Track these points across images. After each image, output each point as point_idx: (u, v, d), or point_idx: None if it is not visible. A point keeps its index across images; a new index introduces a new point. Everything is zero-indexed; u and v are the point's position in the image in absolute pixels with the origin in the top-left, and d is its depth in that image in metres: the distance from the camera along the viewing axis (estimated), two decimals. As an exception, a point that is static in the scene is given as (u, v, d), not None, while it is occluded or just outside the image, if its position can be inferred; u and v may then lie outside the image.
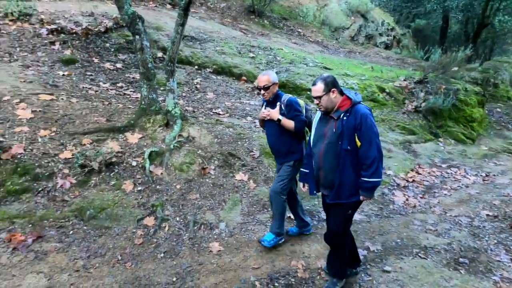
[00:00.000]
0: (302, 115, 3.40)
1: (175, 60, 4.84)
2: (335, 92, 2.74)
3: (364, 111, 2.69)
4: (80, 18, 7.93)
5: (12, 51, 6.45)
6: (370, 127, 2.65)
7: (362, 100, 2.91)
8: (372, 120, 2.69)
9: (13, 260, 3.00)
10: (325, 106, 2.78)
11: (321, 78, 2.79)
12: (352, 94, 2.79)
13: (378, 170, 2.67)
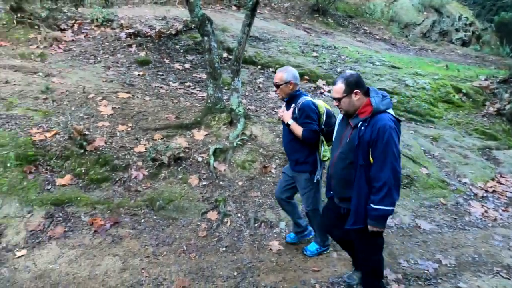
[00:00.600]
0: (315, 123, 2.95)
1: (240, 60, 4.96)
2: (359, 94, 2.34)
3: (384, 123, 2.23)
4: (154, 22, 8.52)
5: (96, 53, 7.15)
6: (387, 144, 2.20)
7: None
8: (392, 135, 2.21)
9: (94, 241, 3.32)
10: (346, 110, 2.42)
11: (342, 76, 2.41)
12: (377, 98, 2.32)
13: (389, 197, 2.21)
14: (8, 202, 3.50)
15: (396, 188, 2.26)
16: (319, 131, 2.98)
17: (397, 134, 2.30)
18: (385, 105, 2.33)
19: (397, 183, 2.26)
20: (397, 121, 2.35)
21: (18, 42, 7.10)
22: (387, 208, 2.23)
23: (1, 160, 3.77)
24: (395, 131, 2.26)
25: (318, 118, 3.00)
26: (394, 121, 2.30)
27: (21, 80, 5.24)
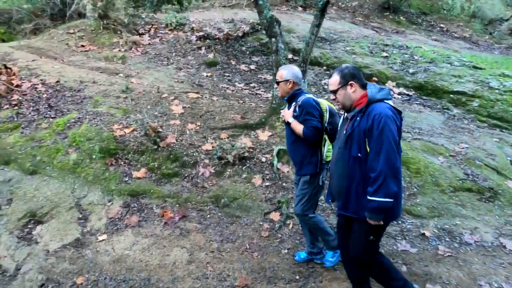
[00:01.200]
0: (316, 120, 2.78)
1: (307, 61, 4.90)
2: (354, 85, 2.27)
3: (380, 111, 2.14)
4: (222, 24, 8.82)
5: (169, 55, 7.62)
6: (382, 132, 2.09)
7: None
8: (388, 123, 2.11)
9: (164, 232, 3.53)
10: (342, 103, 2.34)
11: (338, 69, 2.37)
12: (374, 89, 2.25)
13: (384, 187, 2.08)
14: (92, 191, 3.89)
15: (393, 179, 2.11)
16: (321, 128, 2.80)
17: (396, 123, 2.17)
18: (383, 95, 2.24)
19: (394, 173, 2.11)
20: (396, 111, 2.23)
21: (103, 46, 7.87)
22: (381, 199, 2.09)
23: (88, 152, 4.20)
24: (392, 120, 2.14)
25: (321, 116, 2.84)
26: (392, 110, 2.19)
27: (105, 81, 5.78)
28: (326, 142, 2.86)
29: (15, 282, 2.86)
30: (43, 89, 5.36)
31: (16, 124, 4.64)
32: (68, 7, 11.73)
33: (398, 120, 2.22)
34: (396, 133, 2.16)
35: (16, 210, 3.54)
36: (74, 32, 8.31)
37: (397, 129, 2.18)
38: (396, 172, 2.13)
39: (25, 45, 7.87)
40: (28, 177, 3.96)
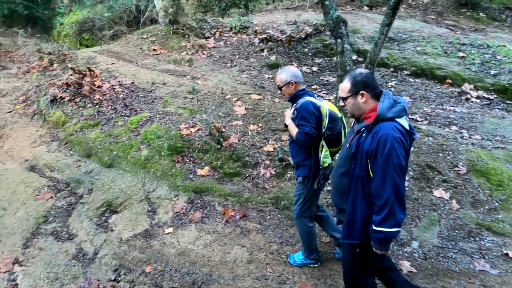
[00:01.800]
0: (309, 125, 2.66)
1: (375, 62, 4.68)
2: (366, 95, 2.07)
3: (387, 133, 1.93)
4: (285, 27, 8.82)
5: (233, 58, 7.82)
6: (388, 156, 1.91)
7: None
8: (395, 146, 1.91)
9: (225, 230, 3.61)
10: (351, 112, 2.17)
11: (350, 74, 2.16)
12: (386, 103, 2.00)
13: (392, 217, 1.91)
14: (160, 185, 4.12)
15: (400, 207, 1.95)
16: (313, 134, 2.68)
17: (404, 146, 1.97)
18: (395, 112, 2.00)
19: (401, 201, 1.96)
20: (407, 132, 2.02)
21: (173, 49, 8.35)
22: (389, 230, 1.94)
23: (158, 149, 4.47)
24: (400, 142, 1.94)
25: (319, 121, 2.72)
26: (401, 132, 1.97)
27: (174, 82, 6.12)
28: (323, 148, 2.75)
29: (93, 265, 3.13)
30: (120, 89, 5.83)
31: (97, 121, 5.11)
32: (142, 14, 12.69)
33: (407, 142, 2.01)
34: (403, 157, 1.97)
35: (95, 199, 3.89)
36: (147, 37, 8.94)
37: (405, 152, 1.99)
38: (402, 199, 1.98)
39: (105, 50, 8.67)
40: (106, 170, 4.34)
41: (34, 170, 4.37)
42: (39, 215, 3.64)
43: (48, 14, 16.14)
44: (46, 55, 7.35)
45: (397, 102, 2.04)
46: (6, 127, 5.56)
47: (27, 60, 11.20)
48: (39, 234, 3.43)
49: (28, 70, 7.46)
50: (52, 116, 5.41)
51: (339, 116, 2.84)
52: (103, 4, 13.39)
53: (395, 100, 2.04)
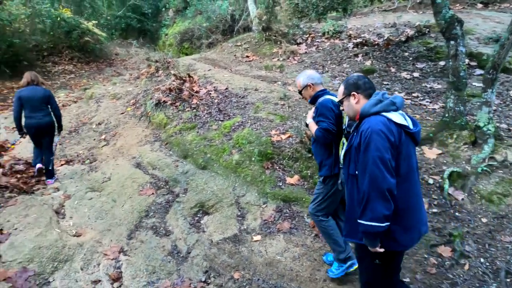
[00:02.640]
0: (328, 121, 2.66)
1: (499, 67, 3.99)
2: (357, 96, 2.13)
3: (368, 126, 1.92)
4: (383, 30, 8.25)
5: (325, 63, 7.58)
6: (367, 149, 1.87)
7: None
8: (375, 138, 1.86)
9: (314, 245, 3.42)
10: (347, 113, 2.25)
11: (346, 79, 2.26)
12: (372, 101, 2.02)
13: (369, 210, 1.85)
14: (250, 191, 4.13)
15: (380, 201, 1.83)
16: (331, 130, 2.65)
17: (388, 139, 1.87)
18: (380, 107, 1.97)
19: (381, 195, 1.83)
20: (398, 126, 1.93)
21: (264, 56, 8.48)
22: (367, 223, 1.87)
23: (248, 155, 4.50)
24: (381, 135, 1.86)
25: (339, 118, 2.71)
26: (386, 125, 1.90)
27: (265, 88, 6.16)
28: (344, 145, 2.55)
29: (186, 263, 3.25)
30: (215, 95, 6.10)
31: (194, 124, 5.40)
32: (236, 23, 13.28)
33: (395, 136, 1.89)
34: (388, 150, 1.85)
35: (190, 199, 4.07)
36: (240, 44, 9.27)
37: (391, 146, 1.87)
38: (381, 192, 1.83)
39: (203, 57, 9.24)
40: (200, 171, 4.53)
41: (139, 167, 4.80)
42: (142, 209, 3.95)
43: (155, 26, 18.07)
44: (153, 63, 8.14)
45: (385, 97, 2.01)
46: (119, 126, 6.27)
47: (137, 67, 12.64)
48: (141, 227, 3.72)
49: (138, 76, 8.37)
50: (156, 118, 5.91)
51: None
52: (202, 15, 14.41)
53: (383, 96, 2.03)
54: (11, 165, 5.12)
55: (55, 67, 12.11)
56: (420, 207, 2.03)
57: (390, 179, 1.83)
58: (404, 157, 1.92)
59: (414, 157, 2.01)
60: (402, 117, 1.96)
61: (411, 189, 1.96)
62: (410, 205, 1.96)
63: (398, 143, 1.90)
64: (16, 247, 3.17)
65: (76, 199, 4.21)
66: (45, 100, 4.72)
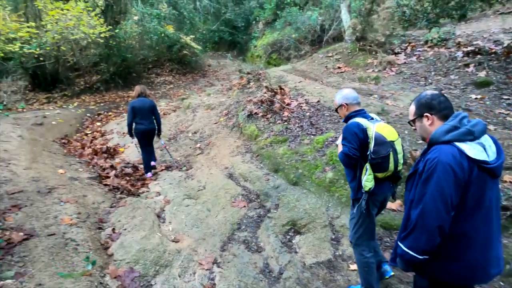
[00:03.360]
0: (350, 146, 2.54)
1: None
2: (430, 118, 1.90)
3: (436, 156, 1.72)
4: (501, 36, 7.19)
5: (427, 75, 6.88)
6: (429, 179, 1.71)
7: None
8: (439, 170, 1.68)
9: (422, 284, 3.00)
10: (420, 135, 2.02)
11: (417, 96, 2.00)
12: (446, 126, 1.78)
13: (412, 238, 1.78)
14: (345, 213, 3.86)
15: (424, 233, 1.73)
16: (351, 155, 2.56)
17: (455, 175, 1.67)
18: (453, 136, 1.74)
19: (426, 228, 1.72)
20: (467, 157, 1.69)
21: (358, 67, 8.08)
22: (404, 248, 1.81)
23: (343, 173, 4.23)
24: (448, 169, 1.67)
25: (364, 143, 2.57)
26: (454, 158, 1.69)
27: (361, 102, 5.81)
28: (367, 171, 2.56)
29: (278, 285, 3.14)
30: (306, 107, 5.96)
31: (285, 137, 5.34)
32: (326, 33, 13.04)
33: (465, 171, 1.69)
34: (453, 187, 1.69)
35: (281, 216, 3.98)
36: (332, 55, 9.01)
37: (456, 182, 1.69)
38: (432, 230, 1.72)
39: (292, 69, 9.23)
40: (291, 187, 4.42)
41: (231, 178, 4.90)
42: (234, 222, 4.00)
43: (245, 38, 18.83)
44: (245, 75, 8.40)
45: (462, 123, 1.78)
46: (212, 136, 6.56)
47: (228, 78, 13.28)
48: (233, 239, 3.75)
49: (230, 87, 8.72)
50: (247, 130, 6.02)
51: (387, 140, 2.53)
52: (291, 26, 14.51)
53: (460, 121, 1.79)
54: (121, 167, 5.71)
55: (158, 78, 13.41)
56: (492, 246, 1.80)
57: (445, 215, 1.72)
58: (472, 194, 1.73)
59: (488, 193, 1.76)
60: (479, 148, 1.74)
61: (478, 224, 1.76)
62: (475, 241, 1.77)
63: (467, 179, 1.72)
64: (125, 247, 3.45)
65: (174, 204, 4.46)
66: (151, 110, 5.46)
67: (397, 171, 2.62)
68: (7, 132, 6.40)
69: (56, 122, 8.11)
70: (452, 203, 1.71)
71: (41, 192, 4.19)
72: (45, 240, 3.24)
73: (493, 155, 1.75)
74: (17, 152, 5.46)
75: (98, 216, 4.03)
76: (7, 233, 3.21)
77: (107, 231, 3.75)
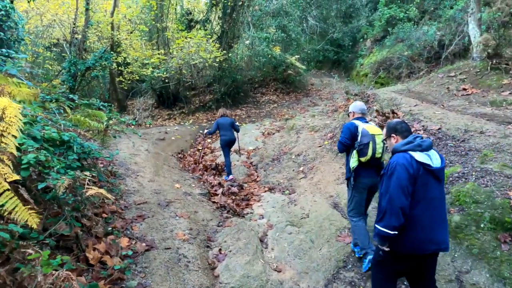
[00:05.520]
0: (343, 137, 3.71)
1: None
2: (395, 137, 2.75)
3: (395, 160, 2.53)
4: None
5: None
6: (391, 176, 2.49)
7: None
8: (398, 170, 2.46)
9: None
10: (389, 150, 2.84)
11: (388, 123, 2.88)
12: (404, 141, 2.63)
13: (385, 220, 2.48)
14: (477, 268, 3.23)
15: (394, 216, 2.42)
16: (343, 142, 3.70)
17: (408, 172, 2.44)
18: (408, 147, 2.53)
19: (395, 212, 2.41)
20: (416, 161, 2.46)
21: (489, 88, 6.96)
22: (380, 228, 2.48)
23: (474, 218, 3.59)
24: (403, 168, 2.45)
25: (354, 136, 3.64)
26: (408, 161, 2.47)
27: (495, 131, 4.93)
28: (353, 155, 3.62)
29: None
30: (425, 135, 5.33)
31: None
32: (445, 50, 11.73)
33: (414, 169, 2.44)
34: (407, 180, 2.43)
35: (394, 260, 3.55)
36: (454, 74, 8.00)
37: (409, 176, 2.43)
38: (395, 209, 2.41)
39: (404, 89, 8.48)
40: (406, 227, 3.94)
41: (337, 208, 4.64)
42: (340, 258, 3.73)
43: (350, 56, 18.31)
44: (352, 96, 8.05)
45: (415, 139, 2.59)
46: (316, 159, 6.40)
47: (331, 97, 13.00)
48: (338, 279, 3.49)
49: (336, 109, 8.46)
50: (354, 156, 5.67)
51: (370, 133, 3.56)
52: (404, 43, 13.52)
53: (414, 139, 2.60)
54: (228, 186, 5.98)
55: (262, 97, 13.96)
56: (433, 227, 2.47)
57: (404, 200, 2.42)
58: (419, 187, 2.45)
59: (431, 190, 2.48)
60: (425, 157, 2.49)
61: (423, 211, 2.46)
62: (421, 223, 2.46)
63: (416, 175, 2.45)
64: (230, 270, 3.52)
65: (277, 230, 4.42)
66: (231, 125, 6.93)
67: (376, 158, 3.54)
68: (137, 145, 7.40)
69: (174, 138, 9.08)
70: (408, 191, 2.44)
71: (160, 204, 4.64)
72: (162, 253, 3.52)
73: (437, 163, 2.52)
74: (144, 165, 6.22)
75: (206, 234, 4.25)
76: (133, 242, 3.61)
77: (214, 250, 3.90)
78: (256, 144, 8.54)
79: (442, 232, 2.51)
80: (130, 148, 7.05)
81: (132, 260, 3.26)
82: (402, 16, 14.89)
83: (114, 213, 4.05)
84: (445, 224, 2.54)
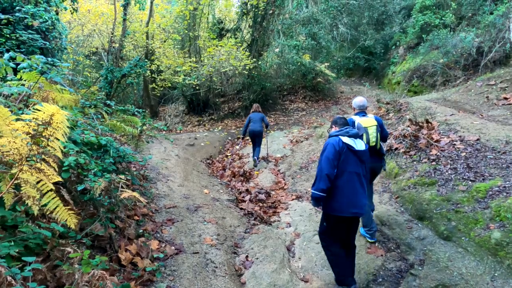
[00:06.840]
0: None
1: None
2: (334, 127, 3.54)
3: (328, 141, 3.35)
4: None
5: None
6: (323, 152, 3.32)
7: None
8: (328, 147, 3.27)
9: None
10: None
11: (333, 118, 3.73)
12: (337, 129, 3.46)
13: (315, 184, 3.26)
14: (520, 289, 3.02)
15: (322, 181, 3.18)
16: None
17: (334, 148, 3.23)
18: (339, 133, 3.37)
19: (323, 177, 3.18)
20: (343, 142, 3.27)
21: (533, 98, 6.56)
22: (313, 191, 3.25)
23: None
24: (332, 146, 3.25)
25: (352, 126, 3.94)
26: (337, 141, 3.28)
27: (540, 143, 4.63)
28: None
29: None
30: (462, 146, 5.11)
31: (433, 180, 4.66)
32: (484, 57, 11.21)
33: (340, 146, 3.24)
34: (333, 154, 3.21)
35: (428, 276, 3.40)
36: (495, 83, 7.62)
37: (335, 152, 3.22)
38: (325, 177, 3.16)
39: (439, 98, 8.18)
40: (441, 242, 3.77)
41: (366, 220, 4.52)
42: (370, 271, 3.62)
43: (382, 64, 17.90)
44: (383, 105, 7.86)
45: (346, 128, 3.43)
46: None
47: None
48: (368, 292, 3.38)
49: (366, 118, 8.28)
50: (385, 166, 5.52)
51: (363, 126, 4.02)
52: (439, 50, 13.07)
53: (346, 129, 3.40)
54: (256, 192, 5.99)
55: (291, 105, 13.94)
56: (354, 195, 3.24)
57: (331, 169, 3.18)
58: (342, 162, 3.24)
59: (355, 165, 3.29)
60: (351, 140, 3.31)
61: (346, 181, 3.23)
62: (344, 191, 3.23)
63: (341, 151, 3.25)
64: (257, 277, 3.52)
65: (305, 239, 4.37)
66: (261, 119, 7.82)
67: (371, 146, 3.94)
68: (168, 151, 7.60)
69: (204, 144, 9.24)
70: (333, 164, 3.18)
71: (189, 209, 4.72)
72: (190, 257, 3.58)
73: (361, 147, 3.32)
74: (174, 170, 6.38)
75: (234, 240, 4.27)
76: (163, 245, 3.69)
77: (241, 257, 3.91)
78: (284, 152, 8.51)
79: (361, 199, 3.26)
80: (161, 153, 7.26)
81: (162, 263, 3.34)
82: (437, 22, 14.41)
83: (145, 216, 4.17)
84: (364, 195, 3.32)
